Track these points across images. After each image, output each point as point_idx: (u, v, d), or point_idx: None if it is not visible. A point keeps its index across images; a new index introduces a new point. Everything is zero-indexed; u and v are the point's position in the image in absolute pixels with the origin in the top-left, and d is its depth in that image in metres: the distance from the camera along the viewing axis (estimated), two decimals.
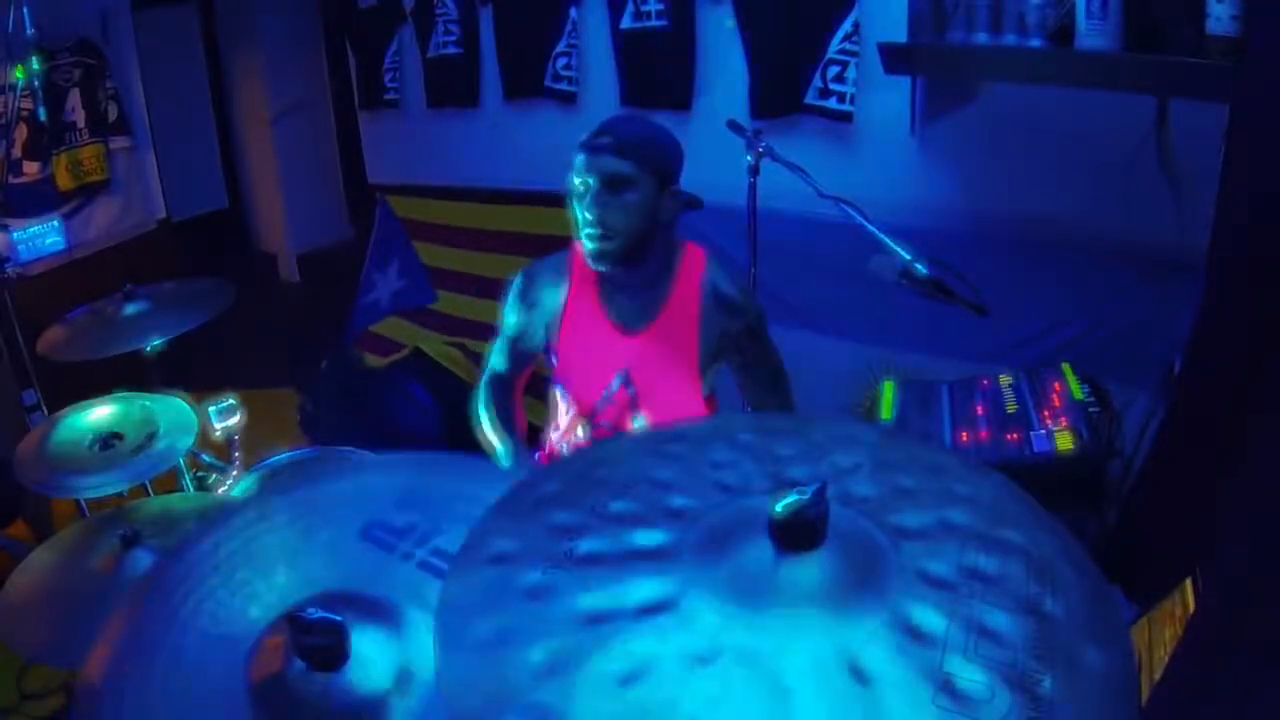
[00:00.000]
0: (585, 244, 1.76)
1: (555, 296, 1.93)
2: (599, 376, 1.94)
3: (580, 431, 2.02)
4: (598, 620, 0.71)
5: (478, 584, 0.76)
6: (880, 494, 0.83)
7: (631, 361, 1.91)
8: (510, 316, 2.00)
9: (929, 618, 0.70)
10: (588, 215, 1.72)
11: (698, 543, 0.77)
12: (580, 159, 1.73)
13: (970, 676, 0.66)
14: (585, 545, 0.79)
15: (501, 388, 2.07)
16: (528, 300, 1.97)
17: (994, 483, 0.87)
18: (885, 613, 0.70)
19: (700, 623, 0.70)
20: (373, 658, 0.88)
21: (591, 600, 0.73)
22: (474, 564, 0.78)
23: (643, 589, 0.73)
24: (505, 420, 2.01)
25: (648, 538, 0.79)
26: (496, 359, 2.07)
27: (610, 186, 1.70)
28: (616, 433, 1.97)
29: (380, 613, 0.92)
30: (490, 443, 2.00)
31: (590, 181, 1.71)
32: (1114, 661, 0.68)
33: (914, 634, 0.69)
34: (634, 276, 1.85)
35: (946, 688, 0.65)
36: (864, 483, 0.84)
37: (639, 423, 1.95)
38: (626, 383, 1.93)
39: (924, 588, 0.73)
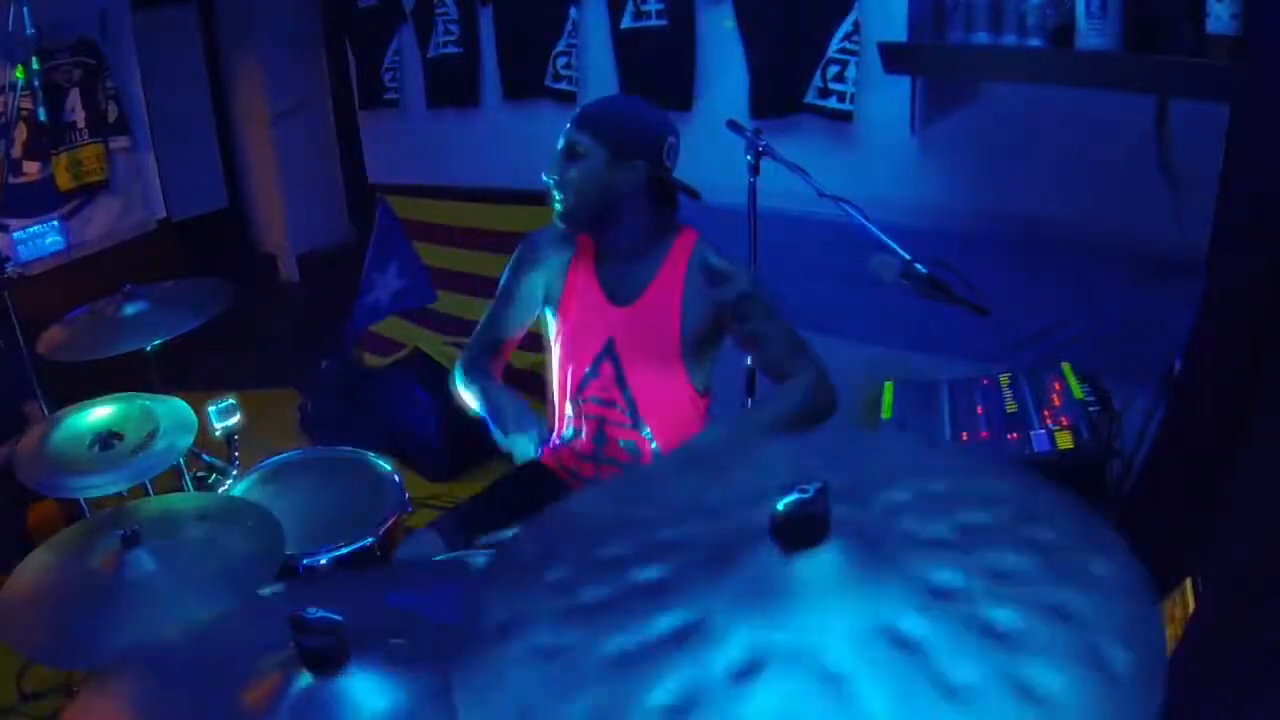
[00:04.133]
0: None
1: (560, 257, 2.02)
2: (587, 346, 1.99)
3: (569, 409, 2.06)
4: (629, 661, 0.69)
5: (488, 662, 0.74)
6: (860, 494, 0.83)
7: (616, 334, 1.96)
8: (508, 275, 2.05)
9: (946, 575, 0.71)
10: (546, 178, 1.89)
11: (702, 564, 0.76)
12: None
13: (1003, 614, 0.68)
14: (588, 594, 0.76)
15: (483, 354, 2.06)
16: (531, 258, 2.04)
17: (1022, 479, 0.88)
18: (905, 580, 0.71)
19: (732, 637, 0.69)
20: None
21: (615, 644, 0.71)
22: (478, 643, 0.76)
23: (664, 619, 0.72)
24: (484, 376, 2.00)
25: (649, 573, 0.77)
26: (484, 324, 2.08)
27: (567, 153, 1.87)
28: (607, 408, 2.00)
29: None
30: (472, 405, 1.97)
31: (558, 146, 1.89)
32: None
33: (939, 593, 0.70)
34: (618, 243, 1.94)
35: (987, 631, 0.66)
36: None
37: (626, 395, 1.97)
38: (611, 355, 1.96)
39: (931, 550, 0.74)
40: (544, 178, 1.90)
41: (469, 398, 1.98)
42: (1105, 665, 0.65)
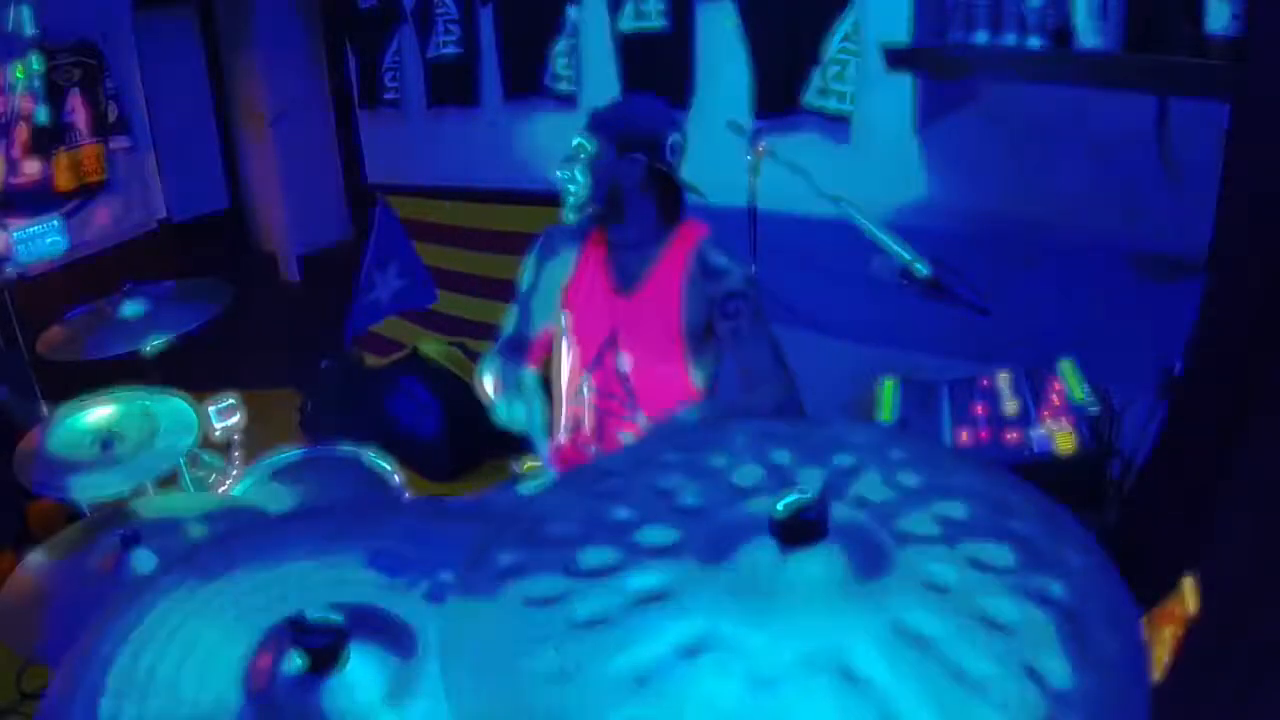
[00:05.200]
0: None
1: (572, 249, 2.06)
2: (593, 335, 2.03)
3: (574, 401, 2.08)
4: (646, 673, 0.68)
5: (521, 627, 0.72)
6: (884, 492, 0.83)
7: (620, 323, 2.00)
8: (527, 273, 2.10)
9: (941, 571, 0.72)
10: (559, 173, 1.98)
11: (698, 569, 0.75)
12: None
13: (1001, 605, 0.68)
14: (586, 607, 0.75)
15: (511, 352, 2.01)
16: (546, 251, 2.09)
17: (992, 474, 0.88)
18: (906, 578, 0.71)
19: (746, 647, 0.68)
20: (369, 672, 0.88)
21: (624, 657, 0.69)
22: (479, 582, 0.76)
23: (670, 631, 0.70)
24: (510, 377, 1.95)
25: (643, 581, 0.75)
26: (508, 322, 2.09)
27: (576, 151, 1.96)
28: (607, 399, 2.01)
29: (382, 628, 0.91)
30: (490, 399, 1.92)
31: (572, 144, 1.97)
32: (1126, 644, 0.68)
33: (938, 589, 0.70)
34: (624, 236, 1.99)
35: (991, 623, 0.67)
36: (865, 483, 0.84)
37: (626, 386, 1.99)
38: (614, 346, 2.00)
39: (924, 545, 0.75)
40: (557, 173, 1.97)
41: (486, 382, 1.94)
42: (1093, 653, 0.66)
